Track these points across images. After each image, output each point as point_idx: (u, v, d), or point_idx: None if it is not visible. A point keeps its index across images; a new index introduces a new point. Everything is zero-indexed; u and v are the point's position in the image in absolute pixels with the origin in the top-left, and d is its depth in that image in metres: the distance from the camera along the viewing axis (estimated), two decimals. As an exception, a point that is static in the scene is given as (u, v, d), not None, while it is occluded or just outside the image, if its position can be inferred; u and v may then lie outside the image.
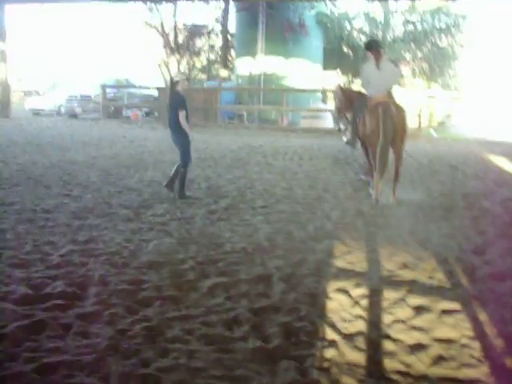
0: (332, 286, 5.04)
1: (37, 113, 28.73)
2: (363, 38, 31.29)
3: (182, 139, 8.74)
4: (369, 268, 5.62)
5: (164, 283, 4.99)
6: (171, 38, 37.07)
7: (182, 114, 8.56)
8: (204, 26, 38.05)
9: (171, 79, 9.55)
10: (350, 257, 5.93)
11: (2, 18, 22.91)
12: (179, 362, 3.67)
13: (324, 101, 28.66)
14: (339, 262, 5.74)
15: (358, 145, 9.68)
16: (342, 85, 11.09)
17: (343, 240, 6.54)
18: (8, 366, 3.54)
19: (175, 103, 8.72)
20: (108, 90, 26.83)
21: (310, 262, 5.69)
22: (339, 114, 10.28)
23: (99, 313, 4.35)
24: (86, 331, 4.06)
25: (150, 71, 35.67)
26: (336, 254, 6.03)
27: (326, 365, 3.71)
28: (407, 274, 5.40)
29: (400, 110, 8.73)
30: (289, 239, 6.56)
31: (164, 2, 30.59)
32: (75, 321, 4.21)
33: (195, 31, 37.53)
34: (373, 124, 8.57)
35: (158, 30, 37.11)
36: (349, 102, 9.79)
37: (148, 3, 32.34)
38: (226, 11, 33.25)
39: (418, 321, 4.38)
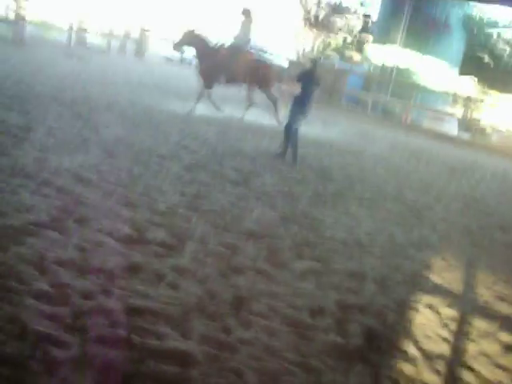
0: (423, 300, 4.91)
1: (169, 59, 29.47)
2: (508, 50, 29.85)
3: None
4: (465, 291, 5.42)
5: (259, 255, 5.05)
6: (313, 12, 36.93)
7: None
8: (347, 7, 37.59)
9: (314, 59, 10.68)
10: (447, 274, 5.74)
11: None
12: (258, 336, 3.71)
13: (453, 105, 27.69)
14: (436, 277, 5.57)
15: None
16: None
17: (445, 255, 6.35)
18: (100, 301, 3.71)
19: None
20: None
21: (407, 270, 5.56)
22: None
23: (193, 269, 4.46)
24: (177, 284, 4.17)
25: (284, 40, 35.65)
26: (434, 268, 5.86)
27: (400, 379, 3.63)
28: (503, 308, 5.15)
29: None
30: (390, 241, 6.43)
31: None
32: (169, 272, 4.34)
33: (337, 10, 37.16)
34: None
35: (301, 3, 37.06)
36: None
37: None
38: (373, -5, 32.60)
39: (506, 360, 4.17)
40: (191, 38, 12.75)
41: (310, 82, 9.51)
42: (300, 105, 9.55)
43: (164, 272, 4.32)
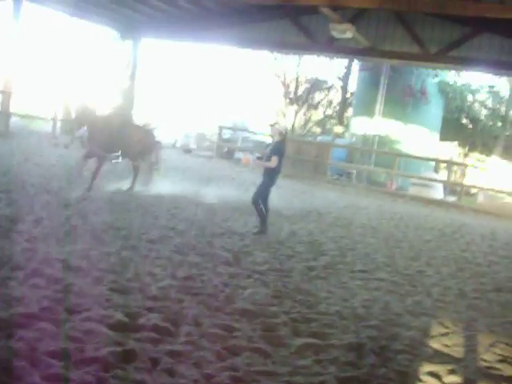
0: (424, 368, 4.82)
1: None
2: (485, 112, 30.61)
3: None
4: (465, 355, 5.33)
5: (255, 334, 4.97)
6: (292, 88, 37.92)
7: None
8: (325, 82, 38.68)
9: (285, 129, 10.46)
10: (446, 339, 5.66)
11: (136, 50, 24.19)
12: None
13: (436, 170, 28.11)
14: (435, 343, 5.50)
15: None
16: None
17: (442, 320, 6.28)
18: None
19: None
20: (224, 131, 27.54)
21: (405, 338, 5.48)
22: None
23: (188, 353, 4.37)
24: (172, 369, 4.09)
25: (266, 118, 36.41)
26: (432, 334, 5.79)
27: None
28: (507, 369, 5.07)
29: None
30: (385, 310, 6.37)
31: (290, 54, 31.32)
32: (164, 357, 4.25)
33: (316, 85, 38.20)
34: None
35: (280, 80, 38.11)
36: None
37: (274, 53, 33.30)
38: (348, 69, 33.61)
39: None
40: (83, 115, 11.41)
41: (282, 153, 9.71)
42: (272, 176, 9.78)
43: (159, 357, 4.23)
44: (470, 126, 30.19)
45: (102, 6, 20.78)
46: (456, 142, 31.75)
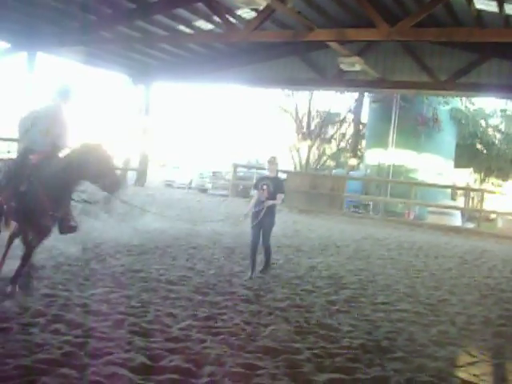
0: (454, 399, 4.73)
1: (169, 184, 30.09)
2: (498, 136, 30.55)
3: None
4: (494, 384, 5.24)
5: (279, 372, 4.91)
6: (304, 123, 38.13)
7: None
8: (337, 114, 38.87)
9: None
10: (474, 368, 5.55)
11: (148, 94, 24.57)
12: None
13: (453, 198, 27.93)
14: (462, 373, 5.39)
15: None
16: None
17: (468, 349, 6.17)
18: None
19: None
20: (238, 169, 27.66)
21: (431, 369, 5.38)
22: None
23: (212, 394, 4.33)
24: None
25: (281, 154, 36.55)
26: (459, 364, 5.69)
27: None
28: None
29: None
30: (410, 341, 6.27)
31: (300, 90, 31.56)
32: (188, 399, 4.21)
33: (328, 118, 38.39)
34: None
35: (292, 115, 38.35)
36: None
37: (286, 90, 33.62)
38: (359, 101, 33.76)
39: None
40: None
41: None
42: (275, 213, 9.20)
43: (182, 400, 4.19)
44: (485, 152, 30.09)
45: (113, 53, 21.20)
46: (471, 169, 31.63)
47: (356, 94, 33.04)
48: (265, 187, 8.95)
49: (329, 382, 4.80)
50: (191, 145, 40.55)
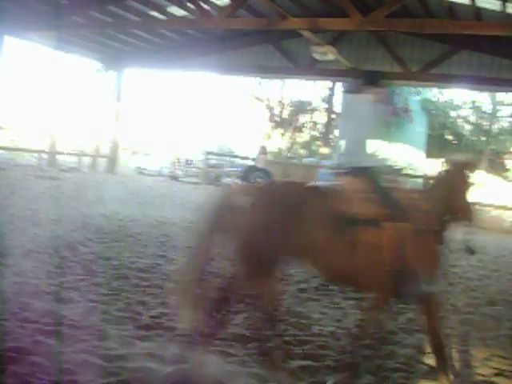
0: (421, 385, 4.82)
1: (141, 172, 29.85)
2: (468, 127, 30.96)
3: None
4: (461, 370, 5.34)
5: (249, 359, 4.94)
6: (276, 112, 38.12)
7: None
8: (309, 103, 38.95)
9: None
10: (441, 355, 5.65)
11: (120, 80, 24.33)
12: None
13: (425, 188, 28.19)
14: (430, 360, 5.47)
15: None
16: None
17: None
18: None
19: None
20: (210, 157, 27.55)
21: (400, 356, 5.48)
22: None
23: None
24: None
25: (253, 142, 36.55)
26: (427, 351, 5.78)
27: None
28: (503, 383, 5.08)
29: None
30: (379, 328, 6.35)
31: (273, 78, 31.55)
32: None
33: (300, 107, 38.44)
34: None
35: (264, 104, 38.30)
36: None
37: (258, 78, 33.54)
38: (332, 90, 33.88)
39: None
40: None
41: None
42: None
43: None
44: (455, 142, 30.49)
45: (85, 38, 20.90)
46: (442, 159, 31.98)
47: (329, 83, 33.15)
48: (259, 180, 8.98)
49: (299, 369, 4.85)
50: (163, 132, 40.29)
